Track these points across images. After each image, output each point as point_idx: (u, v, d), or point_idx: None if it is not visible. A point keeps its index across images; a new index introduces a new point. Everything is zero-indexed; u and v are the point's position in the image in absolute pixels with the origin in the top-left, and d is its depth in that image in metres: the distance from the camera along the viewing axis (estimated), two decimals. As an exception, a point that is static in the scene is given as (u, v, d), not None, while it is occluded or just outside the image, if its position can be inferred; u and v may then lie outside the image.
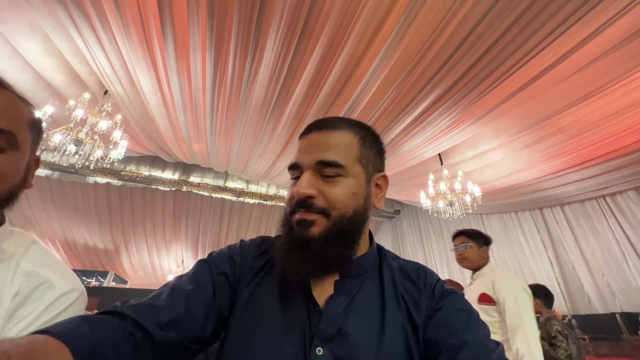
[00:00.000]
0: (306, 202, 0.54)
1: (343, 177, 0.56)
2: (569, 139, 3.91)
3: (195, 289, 0.53)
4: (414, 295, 0.56)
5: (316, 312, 0.53)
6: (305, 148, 0.59)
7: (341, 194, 0.55)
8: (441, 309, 0.54)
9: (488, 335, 0.51)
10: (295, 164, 0.59)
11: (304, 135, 0.62)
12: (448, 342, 0.48)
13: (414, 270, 0.61)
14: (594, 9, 2.33)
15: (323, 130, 0.59)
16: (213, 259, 0.60)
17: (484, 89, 3.25)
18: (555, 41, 2.62)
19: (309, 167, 0.56)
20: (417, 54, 2.90)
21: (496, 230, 6.56)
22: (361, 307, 0.54)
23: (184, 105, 3.98)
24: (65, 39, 3.15)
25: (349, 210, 0.55)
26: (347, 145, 0.59)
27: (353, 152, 0.59)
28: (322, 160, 0.56)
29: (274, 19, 2.63)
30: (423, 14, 2.51)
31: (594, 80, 3.03)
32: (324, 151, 0.57)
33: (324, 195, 0.55)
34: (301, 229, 0.53)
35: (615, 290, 4.87)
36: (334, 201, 0.54)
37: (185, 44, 3.00)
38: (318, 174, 0.56)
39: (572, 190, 5.10)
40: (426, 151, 4.69)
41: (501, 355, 0.46)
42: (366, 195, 0.59)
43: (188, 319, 0.49)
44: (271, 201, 7.49)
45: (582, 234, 5.41)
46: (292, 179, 0.61)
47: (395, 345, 0.50)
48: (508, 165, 4.76)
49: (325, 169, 0.56)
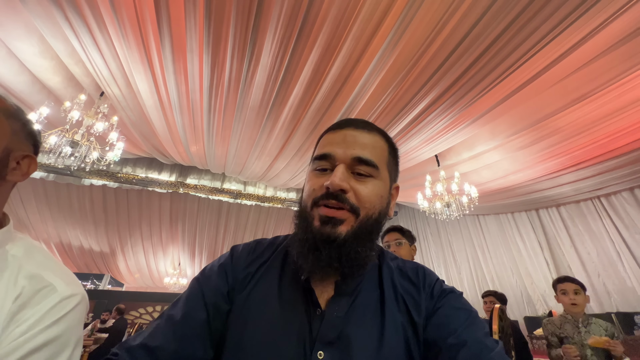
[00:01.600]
0: (339, 195, 0.52)
1: (374, 178, 0.56)
2: (565, 140, 3.95)
3: (187, 319, 0.52)
4: (413, 295, 0.56)
5: (317, 315, 0.52)
6: (339, 142, 0.57)
7: (372, 194, 0.55)
8: (440, 308, 0.54)
9: (487, 333, 0.50)
10: (326, 155, 0.57)
11: (335, 129, 0.61)
12: (447, 342, 0.48)
13: (413, 271, 0.61)
14: (588, 11, 2.36)
15: (359, 129, 0.59)
16: (205, 275, 0.59)
17: (481, 91, 3.27)
18: (550, 43, 2.65)
19: (344, 161, 0.55)
20: (414, 56, 2.92)
21: (493, 231, 6.60)
22: (362, 309, 0.53)
23: (181, 107, 3.97)
24: (61, 40, 3.13)
25: (375, 212, 0.55)
26: (380, 149, 0.59)
27: (384, 156, 0.60)
28: (361, 157, 0.55)
29: (271, 20, 2.63)
30: (420, 16, 2.53)
31: (589, 81, 3.06)
32: (362, 149, 0.56)
33: (356, 192, 0.54)
34: (328, 227, 0.52)
35: (610, 290, 4.91)
36: (364, 200, 0.54)
37: (182, 46, 2.99)
38: (350, 171, 0.55)
39: (567, 191, 5.15)
40: (423, 152, 4.71)
41: (501, 353, 0.46)
42: (388, 201, 0.60)
43: (186, 351, 0.49)
44: (268, 203, 7.47)
45: (578, 235, 5.45)
46: (315, 170, 0.59)
47: (395, 346, 0.50)
48: (504, 166, 4.79)
49: (360, 167, 0.55)
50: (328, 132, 0.62)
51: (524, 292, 5.86)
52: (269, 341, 0.49)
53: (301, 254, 0.54)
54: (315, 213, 0.54)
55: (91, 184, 6.37)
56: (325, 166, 0.57)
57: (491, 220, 6.71)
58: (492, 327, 1.69)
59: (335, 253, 0.51)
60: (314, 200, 0.55)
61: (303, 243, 0.54)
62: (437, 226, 7.58)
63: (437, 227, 7.59)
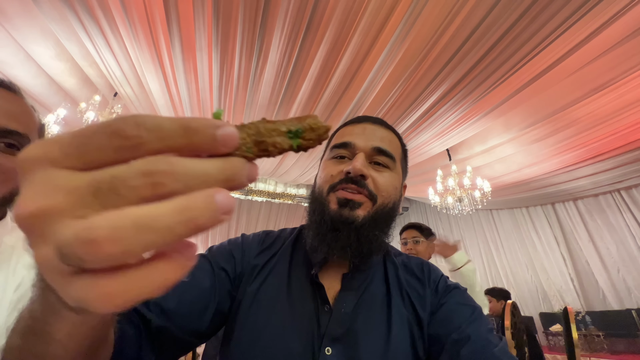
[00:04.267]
0: (359, 180, 0.54)
1: (390, 170, 0.59)
2: (582, 132, 3.82)
3: (191, 282, 0.50)
4: (418, 290, 0.57)
5: (325, 311, 0.52)
6: (359, 133, 0.60)
7: (388, 183, 0.57)
8: (445, 304, 0.54)
9: (491, 329, 0.51)
10: (346, 143, 0.59)
11: (354, 123, 0.64)
12: (451, 337, 0.48)
13: (418, 267, 0.62)
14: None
15: (377, 124, 0.63)
16: (213, 253, 0.58)
17: (492, 83, 3.19)
18: (566, 32, 2.56)
19: (364, 150, 0.57)
20: (423, 49, 2.87)
21: (507, 226, 6.46)
22: (369, 304, 0.54)
23: (191, 106, 4.03)
24: (75, 42, 3.21)
25: (390, 201, 0.57)
26: (396, 145, 0.63)
27: (399, 153, 0.63)
28: (380, 147, 0.58)
29: (278, 17, 2.63)
30: (428, 8, 2.48)
31: (607, 71, 2.95)
32: (381, 141, 0.59)
33: (374, 180, 0.56)
34: (346, 209, 0.53)
35: (631, 286, 4.75)
36: (382, 188, 0.56)
37: (191, 45, 3.02)
38: (369, 160, 0.57)
39: (585, 184, 4.99)
40: (434, 147, 4.64)
41: (504, 349, 0.46)
42: (400, 195, 0.62)
43: (183, 311, 0.48)
44: (279, 199, 7.53)
45: (596, 229, 5.29)
46: (333, 157, 0.61)
47: (401, 341, 0.50)
48: (518, 159, 4.67)
49: (379, 157, 0.58)
50: (346, 125, 0.65)
51: (539, 288, 5.74)
52: (279, 337, 0.50)
53: (318, 236, 0.54)
54: (332, 197, 0.55)
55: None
56: (344, 154, 0.59)
57: (505, 215, 6.57)
58: (504, 322, 1.67)
59: (354, 234, 0.52)
60: (331, 185, 0.56)
61: (320, 225, 0.54)
62: (449, 221, 7.48)
63: (449, 222, 7.49)
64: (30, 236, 0.15)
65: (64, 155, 0.15)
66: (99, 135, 0.15)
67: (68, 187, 0.14)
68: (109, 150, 0.15)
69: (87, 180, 0.14)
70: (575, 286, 5.30)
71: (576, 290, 5.27)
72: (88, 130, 0.15)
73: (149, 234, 0.13)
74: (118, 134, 0.15)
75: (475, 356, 0.45)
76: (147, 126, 0.16)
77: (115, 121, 0.15)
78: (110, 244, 0.13)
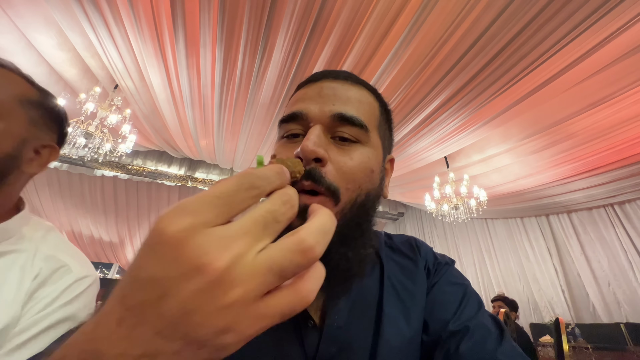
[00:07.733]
0: (313, 170, 0.37)
1: (361, 144, 0.42)
2: (579, 145, 3.86)
3: None
4: (408, 287, 0.51)
5: (310, 327, 0.41)
6: (313, 97, 0.43)
7: (358, 168, 0.40)
8: (436, 284, 0.49)
9: (481, 303, 0.47)
10: (296, 114, 0.42)
11: (309, 83, 0.46)
12: (448, 329, 0.43)
13: (405, 244, 0.54)
14: (608, 14, 2.30)
15: (340, 80, 0.44)
16: None
17: (494, 92, 3.22)
18: (567, 46, 2.59)
19: (320, 121, 0.40)
20: (427, 55, 2.89)
21: (501, 235, 6.50)
22: (360, 310, 0.46)
23: (192, 102, 4.01)
24: (78, 33, 3.19)
25: (363, 192, 0.41)
26: (369, 106, 0.45)
27: (375, 117, 0.45)
28: (343, 114, 0.40)
29: (284, 17, 2.64)
30: (434, 15, 2.50)
31: (606, 86, 2.99)
32: (344, 104, 0.42)
33: (336, 165, 0.39)
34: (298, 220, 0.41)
35: (621, 300, 4.79)
36: (348, 177, 0.39)
37: (195, 41, 3.02)
38: (329, 134, 0.41)
39: (579, 197, 5.04)
40: (433, 153, 4.67)
41: (508, 341, 0.43)
42: (381, 177, 0.45)
43: None
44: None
45: (589, 242, 5.33)
46: (283, 137, 0.44)
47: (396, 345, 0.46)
48: (515, 170, 4.71)
49: (343, 128, 0.41)
50: (302, 87, 0.47)
51: (530, 299, 5.77)
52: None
53: None
54: None
55: (103, 175, 6.49)
56: (295, 130, 0.42)
57: (499, 225, 6.61)
58: None
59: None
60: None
61: None
62: (444, 228, 7.50)
63: (443, 230, 7.52)
64: (217, 288, 0.18)
65: (214, 217, 0.19)
66: (241, 193, 0.20)
67: (237, 234, 0.19)
68: (249, 200, 0.21)
69: (252, 222, 0.20)
70: (566, 298, 5.34)
71: (567, 302, 5.31)
72: (226, 191, 0.20)
73: (329, 235, 0.22)
74: (253, 187, 0.21)
75: (476, 347, 0.40)
76: (262, 178, 0.22)
77: (244, 178, 0.21)
78: (318, 247, 0.20)
